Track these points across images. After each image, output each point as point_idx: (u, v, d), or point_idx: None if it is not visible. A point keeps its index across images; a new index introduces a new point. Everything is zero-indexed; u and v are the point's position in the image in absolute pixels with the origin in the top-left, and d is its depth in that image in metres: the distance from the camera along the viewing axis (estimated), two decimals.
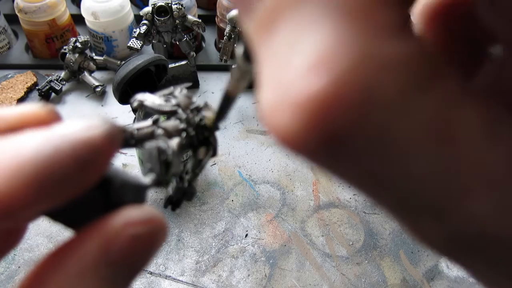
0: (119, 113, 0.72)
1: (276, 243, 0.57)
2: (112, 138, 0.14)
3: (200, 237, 0.57)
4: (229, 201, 0.61)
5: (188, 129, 0.19)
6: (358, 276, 0.54)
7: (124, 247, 0.14)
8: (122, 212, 0.14)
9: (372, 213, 0.60)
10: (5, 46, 0.80)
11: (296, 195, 0.62)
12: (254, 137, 0.69)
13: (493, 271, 0.12)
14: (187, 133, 0.19)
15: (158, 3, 0.67)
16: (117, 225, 0.14)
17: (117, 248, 0.14)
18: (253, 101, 0.75)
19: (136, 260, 0.14)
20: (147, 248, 0.14)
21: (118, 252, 0.13)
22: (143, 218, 0.14)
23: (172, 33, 0.70)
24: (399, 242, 0.57)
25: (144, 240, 0.14)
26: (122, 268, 0.14)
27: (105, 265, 0.13)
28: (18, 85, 0.74)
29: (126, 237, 0.14)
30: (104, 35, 0.77)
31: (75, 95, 0.75)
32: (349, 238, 0.57)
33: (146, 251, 0.14)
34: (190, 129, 0.19)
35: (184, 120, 0.19)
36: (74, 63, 0.73)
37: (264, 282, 0.53)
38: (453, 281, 0.54)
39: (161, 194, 0.61)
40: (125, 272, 0.14)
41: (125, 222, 0.14)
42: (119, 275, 0.14)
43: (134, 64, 0.56)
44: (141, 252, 0.14)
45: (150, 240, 0.14)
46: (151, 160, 0.18)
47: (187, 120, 0.19)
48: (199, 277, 0.53)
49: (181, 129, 0.19)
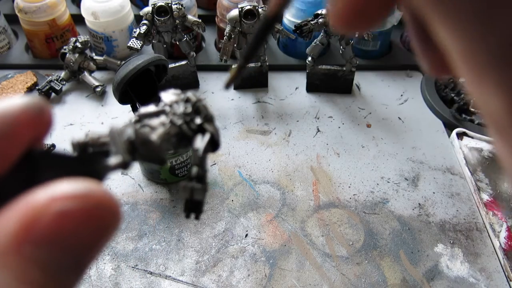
0: (119, 113, 0.72)
1: (276, 243, 0.57)
2: (33, 111, 0.13)
3: (200, 237, 0.57)
4: (229, 201, 0.61)
5: (173, 118, 0.19)
6: (358, 276, 0.54)
7: (51, 224, 0.12)
8: (50, 186, 0.13)
9: (372, 213, 0.60)
10: (5, 46, 0.80)
11: (296, 195, 0.62)
12: (254, 137, 0.69)
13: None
14: (172, 122, 0.19)
15: (158, 3, 0.67)
16: (42, 199, 0.12)
17: (42, 225, 0.12)
18: (253, 101, 0.75)
19: (71, 241, 0.12)
20: (83, 227, 0.12)
21: (43, 229, 0.12)
22: (75, 192, 0.13)
23: (172, 33, 0.70)
24: (399, 242, 0.57)
25: (77, 218, 0.12)
26: (52, 249, 0.12)
27: (29, 243, 0.12)
28: (18, 85, 0.74)
29: (51, 213, 0.12)
30: (104, 35, 0.77)
31: (75, 95, 0.75)
32: (349, 238, 0.57)
33: (84, 231, 0.12)
34: (175, 117, 0.19)
35: (170, 112, 0.19)
36: (74, 63, 0.73)
37: (264, 282, 0.53)
38: (453, 281, 0.54)
39: (160, 194, 0.62)
40: (58, 255, 0.12)
41: (52, 196, 0.12)
42: (51, 258, 0.12)
43: (134, 64, 0.56)
44: (75, 232, 0.12)
45: (86, 219, 0.12)
46: (115, 142, 0.17)
47: (173, 112, 0.19)
48: (199, 277, 0.53)
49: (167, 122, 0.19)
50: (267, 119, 0.72)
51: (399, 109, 0.75)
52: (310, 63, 0.73)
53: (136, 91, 0.58)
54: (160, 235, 0.57)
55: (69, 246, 0.12)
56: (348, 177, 0.64)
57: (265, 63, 0.74)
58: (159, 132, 0.18)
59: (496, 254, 0.56)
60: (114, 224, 0.13)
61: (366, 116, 0.73)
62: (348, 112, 0.74)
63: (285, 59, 0.81)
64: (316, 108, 0.74)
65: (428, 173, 0.65)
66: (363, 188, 0.63)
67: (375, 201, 0.61)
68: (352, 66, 0.73)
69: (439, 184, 0.64)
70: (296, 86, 0.78)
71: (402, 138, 0.70)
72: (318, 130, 0.71)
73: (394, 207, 0.61)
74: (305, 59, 0.74)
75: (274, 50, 0.83)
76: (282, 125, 0.71)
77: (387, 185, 0.63)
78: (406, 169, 0.65)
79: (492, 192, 0.62)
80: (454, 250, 0.56)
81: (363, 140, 0.70)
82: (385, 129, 0.71)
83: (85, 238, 0.13)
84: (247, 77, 0.75)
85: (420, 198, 0.62)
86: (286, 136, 0.70)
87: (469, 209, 0.61)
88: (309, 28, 0.67)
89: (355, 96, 0.77)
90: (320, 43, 0.71)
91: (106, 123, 0.71)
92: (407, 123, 0.72)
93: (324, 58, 0.81)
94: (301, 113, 0.73)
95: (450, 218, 0.60)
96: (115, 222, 0.13)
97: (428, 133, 0.71)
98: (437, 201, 0.62)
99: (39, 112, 0.14)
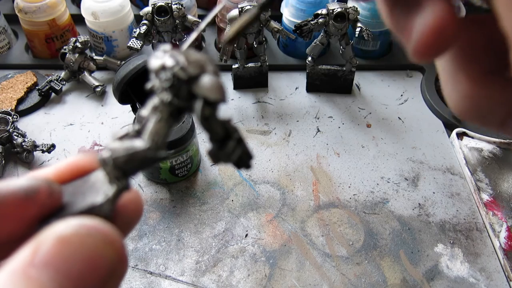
0: (119, 113, 0.72)
1: (276, 243, 0.57)
2: (23, 192, 0.16)
3: (200, 237, 0.57)
4: (229, 201, 0.61)
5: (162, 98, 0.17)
6: (358, 276, 0.54)
7: (50, 250, 0.14)
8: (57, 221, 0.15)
9: (372, 213, 0.60)
10: (5, 46, 0.80)
11: (296, 195, 0.62)
12: (254, 137, 0.69)
13: None
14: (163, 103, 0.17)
15: (158, 3, 0.67)
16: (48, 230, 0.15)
17: (43, 251, 0.14)
18: (253, 101, 0.75)
19: (68, 266, 0.14)
20: (80, 252, 0.14)
21: (44, 255, 0.14)
22: (76, 223, 0.15)
23: (172, 33, 0.70)
24: (399, 242, 0.57)
25: (75, 244, 0.14)
26: (52, 272, 0.14)
27: (33, 267, 0.14)
28: (18, 85, 0.74)
29: (51, 239, 0.14)
30: (104, 35, 0.77)
31: (75, 95, 0.75)
32: (349, 238, 0.57)
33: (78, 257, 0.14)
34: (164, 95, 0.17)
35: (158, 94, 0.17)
36: (74, 63, 0.73)
37: (264, 282, 0.53)
38: (453, 281, 0.54)
39: (160, 194, 0.62)
40: (58, 278, 0.14)
41: (55, 226, 0.15)
42: (52, 281, 0.14)
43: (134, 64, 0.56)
44: (73, 256, 0.14)
45: (79, 245, 0.14)
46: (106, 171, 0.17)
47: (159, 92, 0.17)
48: (199, 277, 0.53)
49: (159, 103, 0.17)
50: (267, 119, 0.72)
51: (399, 109, 0.75)
52: (310, 63, 0.73)
53: (136, 91, 0.58)
54: (160, 235, 0.57)
55: (67, 271, 0.14)
56: (348, 177, 0.64)
57: (265, 63, 0.74)
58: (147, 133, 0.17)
59: (496, 254, 0.56)
60: (109, 253, 0.15)
61: (366, 116, 0.73)
62: (348, 112, 0.74)
63: (285, 59, 0.81)
64: (316, 108, 0.74)
65: (428, 173, 0.65)
66: (363, 188, 0.63)
67: (375, 201, 0.61)
68: (352, 66, 0.73)
69: (439, 184, 0.64)
70: (296, 86, 0.78)
71: (402, 138, 0.70)
72: (318, 130, 0.71)
73: (394, 207, 0.61)
74: (305, 59, 0.74)
75: (274, 50, 0.83)
76: (282, 125, 0.71)
77: (387, 185, 0.63)
78: (406, 169, 0.65)
79: (492, 192, 0.62)
80: (454, 250, 0.56)
81: (363, 140, 0.70)
82: (385, 129, 0.71)
83: (80, 264, 0.14)
84: (247, 77, 0.75)
85: (420, 198, 0.62)
86: (286, 136, 0.70)
87: (469, 209, 0.61)
88: (309, 28, 0.67)
89: (355, 96, 0.77)
90: (320, 43, 0.71)
91: (106, 123, 0.71)
92: (407, 123, 0.72)
93: (324, 58, 0.81)
94: (301, 113, 0.73)
95: (450, 218, 0.60)
96: (111, 251, 0.15)
97: (428, 133, 0.71)
98: (437, 201, 0.62)
99: (31, 193, 0.16)
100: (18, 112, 0.70)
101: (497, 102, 0.16)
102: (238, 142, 0.17)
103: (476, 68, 0.16)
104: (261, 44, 0.72)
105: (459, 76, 0.16)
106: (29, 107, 0.72)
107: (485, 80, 0.16)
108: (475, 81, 0.16)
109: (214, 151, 0.17)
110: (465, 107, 0.16)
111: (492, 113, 0.16)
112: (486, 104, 0.16)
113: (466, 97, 0.16)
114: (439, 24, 0.14)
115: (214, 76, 0.16)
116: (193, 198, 0.61)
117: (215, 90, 0.16)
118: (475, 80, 0.16)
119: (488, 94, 0.16)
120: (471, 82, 0.16)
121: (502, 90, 0.16)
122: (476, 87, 0.16)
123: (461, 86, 0.16)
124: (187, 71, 0.16)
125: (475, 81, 0.16)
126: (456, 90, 0.16)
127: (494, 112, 0.16)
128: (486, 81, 0.16)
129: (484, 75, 0.16)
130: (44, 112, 0.73)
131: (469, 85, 0.16)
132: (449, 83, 0.17)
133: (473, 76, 0.16)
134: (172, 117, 0.17)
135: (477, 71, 0.16)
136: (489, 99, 0.16)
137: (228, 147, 0.17)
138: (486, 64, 0.16)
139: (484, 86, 0.16)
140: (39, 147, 0.63)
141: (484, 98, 0.16)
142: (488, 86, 0.16)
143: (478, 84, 0.16)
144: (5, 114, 0.65)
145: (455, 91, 0.16)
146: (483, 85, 0.16)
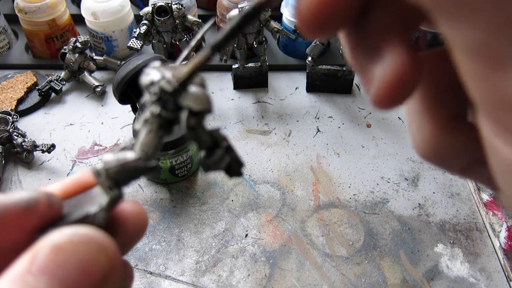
0: (119, 113, 0.72)
1: (276, 243, 0.57)
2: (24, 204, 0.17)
3: (200, 237, 0.57)
4: (229, 201, 0.61)
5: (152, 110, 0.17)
6: (358, 276, 0.54)
7: (44, 258, 0.15)
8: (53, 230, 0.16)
9: (372, 213, 0.60)
10: (5, 46, 0.81)
11: (296, 195, 0.62)
12: (254, 137, 0.69)
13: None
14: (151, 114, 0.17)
15: (158, 3, 0.67)
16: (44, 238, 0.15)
17: (39, 259, 0.15)
18: (253, 101, 0.75)
19: (64, 271, 0.15)
20: (74, 258, 0.15)
21: (39, 262, 0.15)
22: (70, 231, 0.15)
23: (172, 33, 0.70)
24: (399, 242, 0.57)
25: (68, 251, 0.15)
26: (47, 279, 0.14)
27: (30, 274, 0.15)
28: (18, 85, 0.74)
29: (47, 247, 0.15)
30: (104, 35, 0.77)
31: (75, 95, 0.75)
32: (349, 238, 0.57)
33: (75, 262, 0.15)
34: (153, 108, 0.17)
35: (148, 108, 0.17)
36: (74, 63, 0.73)
37: (264, 282, 0.53)
38: (453, 281, 0.54)
39: (160, 194, 0.61)
40: (54, 283, 0.14)
41: (51, 235, 0.15)
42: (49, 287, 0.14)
43: (134, 64, 0.56)
44: (67, 263, 0.15)
45: (76, 252, 0.15)
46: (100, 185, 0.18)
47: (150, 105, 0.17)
48: (199, 277, 0.53)
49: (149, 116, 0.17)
50: (267, 119, 0.72)
51: (399, 109, 0.75)
52: (310, 63, 0.73)
53: (136, 91, 0.58)
54: (160, 235, 0.57)
55: (62, 277, 0.15)
56: (348, 177, 0.64)
57: (265, 63, 0.74)
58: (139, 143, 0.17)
59: (496, 254, 0.56)
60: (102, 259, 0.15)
61: (366, 116, 0.73)
62: (348, 112, 0.74)
63: (285, 59, 0.81)
64: (316, 108, 0.74)
65: (428, 173, 0.65)
66: (363, 188, 0.63)
67: (375, 201, 0.61)
68: None
69: (439, 184, 0.64)
70: (296, 86, 0.78)
71: (402, 138, 0.70)
72: (318, 130, 0.71)
73: (394, 207, 0.61)
74: (305, 59, 0.74)
75: (274, 50, 0.83)
76: (282, 125, 0.71)
77: (387, 185, 0.63)
78: (406, 169, 0.65)
79: (492, 192, 0.62)
80: (454, 250, 0.57)
81: (363, 140, 0.70)
82: (385, 129, 0.71)
83: (74, 270, 0.15)
84: (247, 77, 0.75)
85: (420, 198, 0.62)
86: (286, 136, 0.70)
87: (469, 209, 0.61)
88: None
89: (355, 96, 0.77)
90: (320, 43, 0.71)
91: (106, 123, 0.71)
92: (407, 123, 0.72)
93: (324, 58, 0.81)
94: (301, 113, 0.73)
95: (450, 218, 0.60)
96: (104, 258, 0.15)
97: None
98: (437, 201, 0.62)
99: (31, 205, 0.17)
100: (18, 112, 0.70)
101: (460, 150, 0.16)
102: (226, 150, 0.18)
103: (440, 112, 0.16)
104: (261, 44, 0.72)
105: (422, 120, 0.16)
106: (29, 107, 0.72)
107: (449, 126, 0.16)
108: (438, 127, 0.16)
109: (203, 160, 0.18)
110: (427, 152, 0.16)
111: (454, 160, 0.16)
112: (448, 151, 0.16)
113: (429, 142, 0.16)
114: (399, 77, 0.14)
115: (198, 87, 0.17)
116: (193, 198, 0.61)
117: (199, 100, 0.17)
118: (439, 125, 0.16)
119: (451, 142, 0.16)
120: (435, 127, 0.16)
121: (464, 138, 0.15)
122: (439, 133, 0.16)
123: (424, 131, 0.16)
124: (171, 83, 0.17)
125: (438, 127, 0.16)
126: (419, 134, 0.16)
127: (456, 159, 0.16)
128: (450, 127, 0.16)
129: (448, 120, 0.16)
130: (44, 112, 0.73)
131: (432, 131, 0.16)
132: (413, 124, 0.17)
133: (436, 121, 0.16)
134: (162, 128, 0.17)
135: (441, 115, 0.16)
136: (451, 147, 0.16)
137: (215, 155, 0.18)
138: (450, 107, 0.16)
139: (447, 133, 0.16)
140: (39, 147, 0.63)
141: (446, 145, 0.16)
142: (451, 133, 0.16)
143: (441, 131, 0.16)
144: (5, 114, 0.65)
145: (419, 134, 0.16)
146: (446, 131, 0.16)
